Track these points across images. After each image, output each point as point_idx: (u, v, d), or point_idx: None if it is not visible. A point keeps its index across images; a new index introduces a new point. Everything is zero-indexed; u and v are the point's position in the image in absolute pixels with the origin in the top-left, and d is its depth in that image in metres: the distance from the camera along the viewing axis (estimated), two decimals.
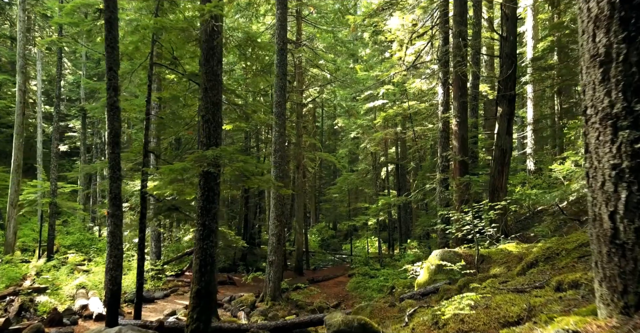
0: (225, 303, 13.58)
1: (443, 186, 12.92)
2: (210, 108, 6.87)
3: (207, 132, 6.82)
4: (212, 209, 6.78)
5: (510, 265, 7.33)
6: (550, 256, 5.36)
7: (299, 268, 21.18)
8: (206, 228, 6.71)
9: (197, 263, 6.62)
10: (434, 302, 7.13)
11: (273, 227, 14.23)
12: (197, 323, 6.37)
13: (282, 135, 14.36)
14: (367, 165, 28.52)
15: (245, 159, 6.70)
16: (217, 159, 6.41)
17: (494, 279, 5.32)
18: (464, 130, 12.66)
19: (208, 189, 6.75)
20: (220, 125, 6.93)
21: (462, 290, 6.66)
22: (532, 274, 4.96)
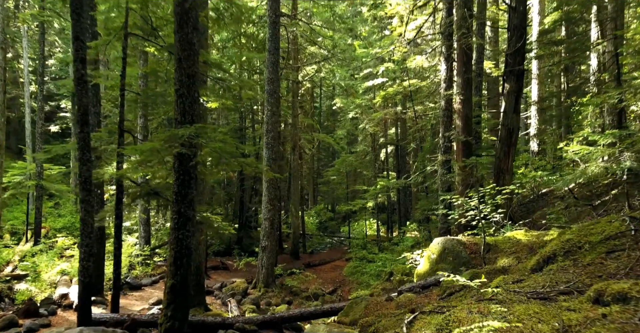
0: (216, 291, 13.01)
1: (445, 168, 12.18)
2: (185, 81, 6.07)
3: (181, 108, 6.04)
4: (189, 195, 6.05)
5: (520, 256, 6.65)
6: (571, 250, 4.65)
7: (295, 252, 20.64)
8: (182, 217, 6.00)
9: (172, 256, 5.93)
10: (435, 296, 6.48)
11: (266, 211, 13.55)
12: (171, 321, 5.72)
13: (274, 114, 13.55)
14: (365, 146, 27.74)
15: (224, 139, 5.94)
16: (192, 138, 5.65)
17: (505, 277, 4.63)
18: (468, 108, 11.86)
19: (183, 173, 6.01)
20: (196, 100, 6.15)
21: None
22: (551, 272, 4.26)
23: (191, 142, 5.66)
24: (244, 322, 7.36)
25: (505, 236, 7.85)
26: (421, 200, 18.74)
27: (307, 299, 13.49)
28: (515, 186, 7.63)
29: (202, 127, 5.75)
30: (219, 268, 17.17)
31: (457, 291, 6.05)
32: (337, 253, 22.30)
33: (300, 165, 23.67)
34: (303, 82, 25.42)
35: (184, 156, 5.96)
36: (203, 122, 10.70)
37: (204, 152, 6.16)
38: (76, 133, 7.30)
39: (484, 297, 4.13)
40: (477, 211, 7.77)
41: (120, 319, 7.51)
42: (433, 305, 4.89)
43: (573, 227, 6.93)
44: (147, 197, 8.74)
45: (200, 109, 10.73)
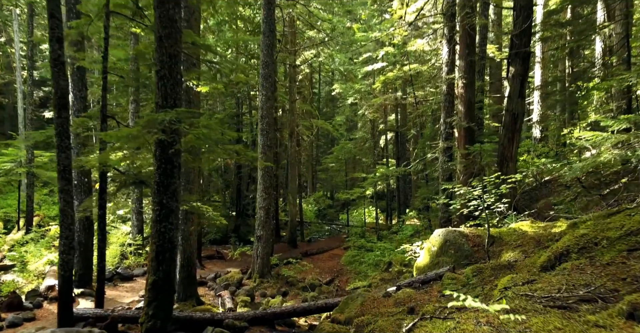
0: (210, 281, 12.67)
1: (446, 156, 11.72)
2: (166, 61, 5.58)
3: (162, 91, 5.56)
4: (171, 185, 5.61)
5: (527, 250, 6.24)
6: (586, 246, 4.23)
7: (292, 240, 20.29)
8: (164, 208, 5.56)
9: (154, 250, 5.52)
10: (436, 292, 6.08)
11: (261, 200, 13.14)
12: (153, 320, 5.33)
13: (269, 99, 13.03)
14: (365, 133, 27.22)
15: (208, 125, 5.47)
16: (173, 124, 5.19)
17: (514, 276, 4.21)
18: (470, 93, 11.35)
19: (165, 161, 5.56)
20: (179, 82, 5.66)
21: (470, 280, 5.60)
22: (566, 272, 3.84)
23: (172, 128, 5.19)
24: (234, 317, 6.99)
25: (510, 228, 7.43)
26: (421, 188, 18.32)
27: (304, 290, 13.16)
28: (522, 175, 7.18)
29: (184, 112, 5.27)
30: (214, 257, 16.83)
31: (460, 288, 5.66)
32: (335, 242, 21.97)
33: (298, 152, 23.20)
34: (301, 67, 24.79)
35: (166, 143, 5.50)
36: (194, 107, 10.23)
37: (188, 139, 5.69)
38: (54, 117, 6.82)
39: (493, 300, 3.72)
40: (480, 201, 7.33)
41: (103, 315, 7.14)
42: (434, 305, 4.48)
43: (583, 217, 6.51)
44: (134, 186, 8.32)
45: (192, 93, 10.25)
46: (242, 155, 6.04)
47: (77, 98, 10.58)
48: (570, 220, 7.18)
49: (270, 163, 12.93)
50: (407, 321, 3.93)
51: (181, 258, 10.10)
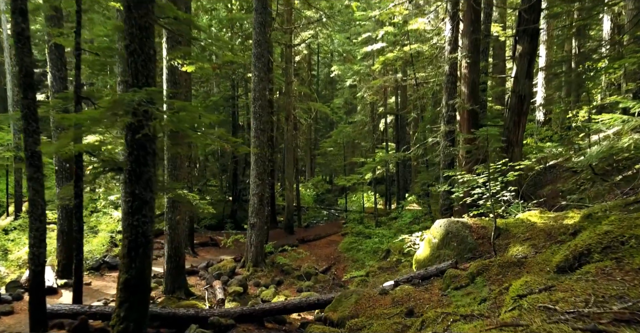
0: (201, 270, 12.20)
1: (448, 140, 11.13)
2: (136, 34, 4.95)
3: (133, 68, 4.95)
4: (145, 174, 5.04)
5: (536, 244, 5.71)
6: (611, 245, 3.69)
7: (289, 226, 19.84)
8: (137, 199, 5.01)
9: (126, 246, 4.98)
10: (437, 290, 5.57)
11: (254, 186, 12.58)
12: (125, 323, 4.84)
13: (262, 80, 12.37)
14: (364, 116, 26.53)
15: (184, 106, 4.86)
16: (142, 105, 4.60)
17: (527, 279, 3.66)
18: (475, 73, 10.69)
19: (138, 147, 4.98)
20: (151, 58, 5.04)
21: (475, 279, 5.08)
22: (589, 277, 3.30)
23: (141, 110, 4.60)
24: (220, 314, 6.51)
25: (517, 218, 6.90)
26: (421, 173, 17.78)
27: (299, 279, 12.73)
28: (531, 161, 6.61)
29: (156, 92, 4.67)
30: (207, 244, 16.38)
31: (463, 286, 5.15)
32: (333, 227, 21.53)
33: (295, 136, 22.57)
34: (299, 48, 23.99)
35: (137, 127, 4.91)
36: (180, 89, 9.58)
37: (165, 122, 5.10)
38: (20, 98, 6.22)
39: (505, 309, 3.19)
40: (485, 189, 6.79)
41: (80, 311, 6.65)
42: (436, 311, 3.96)
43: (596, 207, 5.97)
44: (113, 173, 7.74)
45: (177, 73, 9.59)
46: (225, 140, 5.47)
47: (56, 78, 9.95)
48: (582, 210, 6.65)
49: (263, 148, 12.35)
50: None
51: (168, 248, 9.61)
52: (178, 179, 9.56)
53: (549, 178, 13.44)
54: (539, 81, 20.14)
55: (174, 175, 9.49)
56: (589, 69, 13.92)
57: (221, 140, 5.44)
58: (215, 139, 5.41)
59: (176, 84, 9.38)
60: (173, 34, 8.66)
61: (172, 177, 9.49)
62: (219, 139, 5.42)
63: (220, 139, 5.46)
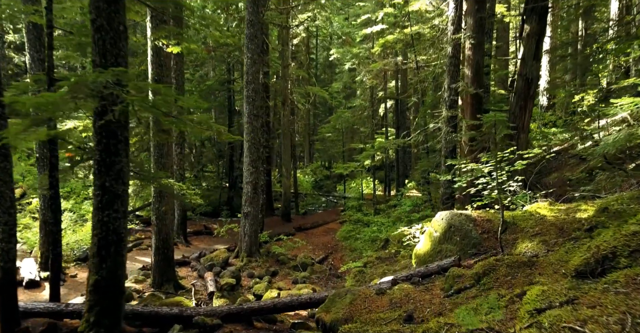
0: (193, 261, 11.79)
1: (450, 126, 10.59)
2: (103, 8, 4.40)
3: (100, 46, 4.41)
4: (116, 164, 4.54)
5: (547, 240, 5.24)
6: None
7: (286, 214, 19.41)
8: (107, 193, 4.52)
9: (95, 244, 4.52)
10: (439, 291, 5.12)
11: (248, 174, 12.09)
12: (95, 329, 4.39)
13: (255, 62, 11.77)
14: (363, 101, 25.89)
15: (157, 89, 4.33)
16: (109, 88, 4.07)
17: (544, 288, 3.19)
18: (479, 54, 10.11)
19: (107, 135, 4.47)
20: (121, 36, 4.49)
21: (481, 280, 4.62)
22: (619, 287, 2.83)
23: (107, 94, 4.07)
24: (206, 314, 6.08)
25: (525, 211, 6.41)
26: (422, 160, 17.28)
27: (295, 269, 12.35)
28: (541, 149, 6.10)
29: (125, 72, 4.14)
30: (201, 233, 15.95)
31: (468, 288, 4.70)
32: (331, 215, 21.12)
33: (292, 121, 21.99)
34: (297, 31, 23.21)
35: (106, 114, 4.39)
36: (166, 71, 9.01)
37: (137, 107, 4.57)
38: None
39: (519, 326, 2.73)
40: (490, 178, 6.29)
41: (56, 310, 6.22)
42: (438, 322, 3.50)
43: (610, 199, 5.49)
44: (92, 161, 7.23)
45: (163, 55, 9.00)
46: (207, 127, 4.95)
47: (35, 60, 9.36)
48: (595, 202, 6.18)
49: (257, 134, 11.82)
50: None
51: (156, 239, 9.17)
52: (165, 167, 9.07)
53: (554, 165, 12.92)
54: (543, 64, 19.49)
55: (161, 163, 8.99)
56: (598, 51, 13.32)
57: (202, 126, 4.93)
58: (196, 125, 4.90)
59: (162, 67, 8.80)
60: (157, 12, 8.06)
61: (159, 165, 8.99)
62: (200, 126, 4.90)
63: (202, 125, 4.95)
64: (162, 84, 8.63)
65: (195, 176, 27.64)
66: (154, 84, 4.61)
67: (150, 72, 8.78)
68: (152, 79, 8.78)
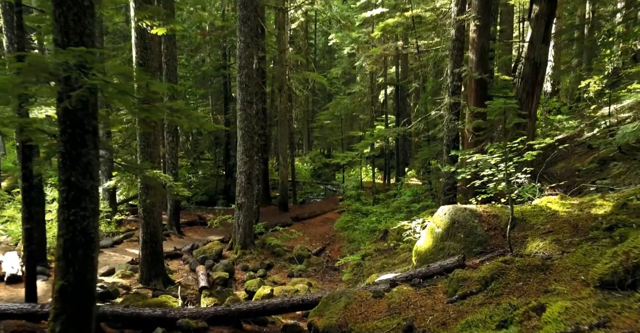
0: (185, 254, 11.39)
1: (453, 113, 10.07)
2: None
3: (62, 23, 3.90)
4: (83, 157, 4.06)
5: (561, 238, 4.79)
6: None
7: (283, 203, 18.99)
8: (74, 189, 4.06)
9: (61, 246, 4.07)
10: (442, 294, 4.69)
11: (241, 163, 11.62)
12: None
13: (249, 46, 11.19)
14: (362, 87, 25.26)
15: (125, 71, 3.83)
16: (69, 70, 3.58)
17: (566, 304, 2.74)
18: (485, 37, 9.55)
19: (73, 124, 3.99)
20: (86, 11, 3.97)
21: (489, 285, 4.18)
22: None
23: (65, 76, 3.57)
24: (191, 316, 5.67)
25: (535, 205, 5.95)
26: (422, 149, 16.76)
27: (290, 261, 11.96)
28: (553, 139, 5.61)
29: (89, 53, 3.63)
30: (195, 223, 15.53)
31: (474, 293, 4.26)
32: (329, 204, 20.71)
33: (290, 108, 21.44)
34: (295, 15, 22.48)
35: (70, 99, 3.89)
36: (151, 55, 8.46)
37: (109, 93, 4.07)
38: None
39: None
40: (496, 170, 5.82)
41: (30, 311, 5.80)
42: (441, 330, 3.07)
43: (626, 192, 5.03)
44: None
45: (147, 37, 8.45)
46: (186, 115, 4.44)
47: (12, 42, 8.79)
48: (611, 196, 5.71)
49: (251, 122, 11.31)
50: None
51: (143, 233, 8.74)
52: (152, 157, 8.59)
53: (560, 154, 12.44)
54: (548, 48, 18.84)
55: (147, 153, 8.51)
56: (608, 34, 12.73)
57: (176, 114, 4.42)
58: (174, 114, 4.40)
59: (147, 50, 8.25)
60: None
61: (145, 155, 8.51)
62: (176, 114, 4.41)
63: (180, 113, 4.45)
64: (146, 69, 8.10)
65: (192, 164, 27.15)
66: (126, 67, 4.10)
67: (135, 55, 8.24)
68: (136, 63, 8.24)
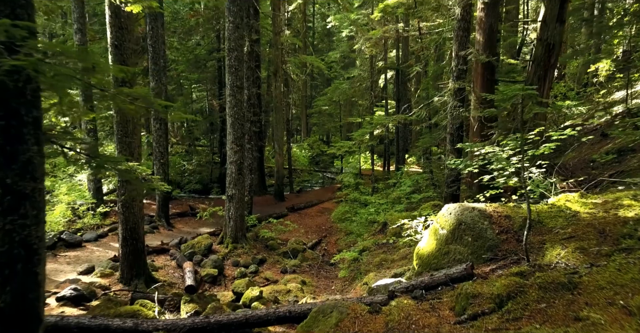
0: (172, 248, 10.78)
1: (457, 99, 9.36)
2: None
3: None
4: (20, 154, 3.38)
5: (586, 247, 4.13)
6: None
7: (279, 193, 18.38)
8: (10, 192, 3.39)
9: None
10: (448, 311, 4.06)
11: (231, 153, 10.94)
12: None
13: (238, 27, 10.41)
14: (362, 71, 24.41)
15: (65, 50, 3.13)
16: None
17: None
18: (494, 17, 8.77)
19: (8, 115, 3.31)
20: None
21: (504, 305, 3.54)
22: None
23: None
24: (166, 328, 5.06)
25: (552, 205, 5.29)
26: (424, 136, 16.06)
27: (284, 256, 11.39)
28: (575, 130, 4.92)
29: (18, 28, 2.91)
30: (186, 215, 14.91)
31: (486, 313, 3.62)
32: (326, 193, 20.10)
33: (286, 93, 20.65)
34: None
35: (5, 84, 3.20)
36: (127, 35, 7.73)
37: (47, 79, 3.37)
38: None
39: None
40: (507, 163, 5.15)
41: None
42: None
43: None
44: None
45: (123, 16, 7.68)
46: (148, 104, 3.76)
47: None
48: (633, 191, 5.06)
49: (241, 108, 10.59)
50: None
51: (122, 229, 8.11)
52: (131, 148, 7.90)
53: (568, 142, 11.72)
54: None
55: (125, 143, 7.82)
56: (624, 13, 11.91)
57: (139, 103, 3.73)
58: (133, 102, 3.71)
59: (122, 29, 7.50)
60: None
61: (123, 146, 7.83)
62: (133, 101, 3.71)
63: (139, 101, 3.75)
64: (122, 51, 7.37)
65: (187, 151, 26.44)
66: (64, 45, 3.42)
67: (109, 36, 7.50)
68: (111, 44, 7.51)
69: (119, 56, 7.44)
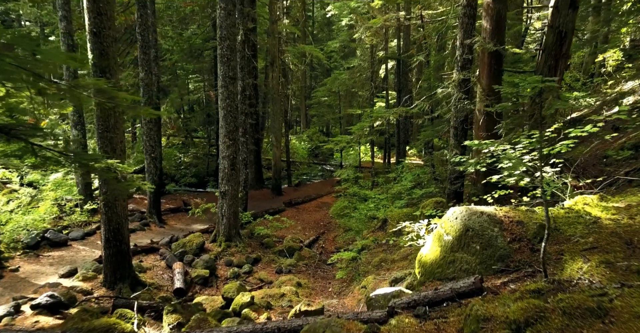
0: (162, 247, 10.32)
1: (462, 91, 8.81)
2: None
3: None
4: None
5: (612, 260, 3.64)
6: None
7: (277, 187, 17.88)
8: None
9: None
10: (454, 330, 3.58)
11: (224, 147, 10.42)
12: None
13: (230, 14, 9.82)
14: (362, 61, 23.76)
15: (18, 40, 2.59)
16: None
17: None
18: (502, 3, 8.18)
19: None
20: None
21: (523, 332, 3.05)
22: None
23: None
24: None
25: (569, 208, 4.78)
26: (425, 128, 15.49)
27: (280, 254, 10.94)
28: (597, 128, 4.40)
29: None
30: (179, 210, 14.43)
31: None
32: (325, 187, 19.62)
33: (284, 84, 20.05)
34: None
35: None
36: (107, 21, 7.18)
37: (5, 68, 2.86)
38: None
39: None
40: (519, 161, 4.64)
41: None
42: None
43: None
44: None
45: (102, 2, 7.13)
46: (109, 98, 3.25)
47: None
48: None
49: (234, 100, 10.05)
50: None
51: (105, 230, 7.63)
52: (113, 143, 7.39)
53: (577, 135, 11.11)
54: None
55: (107, 139, 7.31)
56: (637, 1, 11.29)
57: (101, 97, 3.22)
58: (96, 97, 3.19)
59: (102, 15, 6.94)
60: None
61: (104, 141, 7.31)
62: (92, 94, 3.20)
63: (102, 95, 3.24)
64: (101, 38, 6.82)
65: (184, 143, 25.89)
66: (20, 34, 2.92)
67: (87, 22, 6.94)
68: (89, 31, 6.95)
69: (97, 44, 6.88)
